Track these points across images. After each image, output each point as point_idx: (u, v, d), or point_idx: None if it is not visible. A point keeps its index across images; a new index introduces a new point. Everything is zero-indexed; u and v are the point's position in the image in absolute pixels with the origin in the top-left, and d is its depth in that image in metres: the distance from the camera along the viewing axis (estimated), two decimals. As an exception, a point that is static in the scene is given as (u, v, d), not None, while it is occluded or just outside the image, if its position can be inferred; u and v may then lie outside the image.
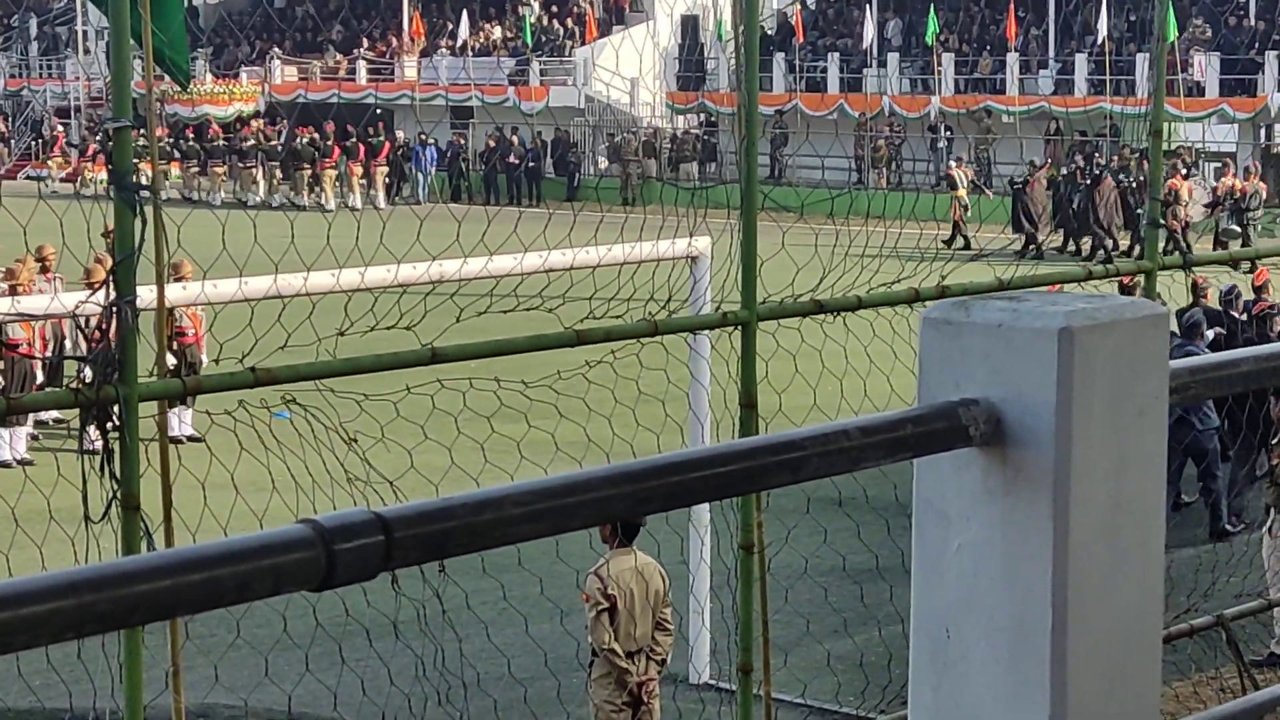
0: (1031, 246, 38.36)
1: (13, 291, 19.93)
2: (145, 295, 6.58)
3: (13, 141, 62.18)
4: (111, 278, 6.24)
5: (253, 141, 54.97)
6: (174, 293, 7.71)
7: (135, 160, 6.54)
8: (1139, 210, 30.82)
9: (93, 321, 6.25)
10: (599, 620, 10.44)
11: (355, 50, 64.09)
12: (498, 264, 8.80)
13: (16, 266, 20.64)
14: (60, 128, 63.56)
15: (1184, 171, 42.18)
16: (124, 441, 6.30)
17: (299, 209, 46.46)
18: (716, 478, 2.80)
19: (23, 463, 19.59)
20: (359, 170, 53.58)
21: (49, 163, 57.29)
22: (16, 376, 20.95)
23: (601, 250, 9.59)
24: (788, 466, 2.84)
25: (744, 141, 8.09)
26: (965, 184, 43.23)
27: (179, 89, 7.68)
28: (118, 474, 6.31)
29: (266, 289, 7.38)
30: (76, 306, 6.60)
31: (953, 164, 44.73)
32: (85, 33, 68.62)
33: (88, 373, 6.36)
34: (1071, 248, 40.41)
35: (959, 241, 38.27)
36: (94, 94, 66.85)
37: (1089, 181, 40.81)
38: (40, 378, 21.36)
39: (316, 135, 53.81)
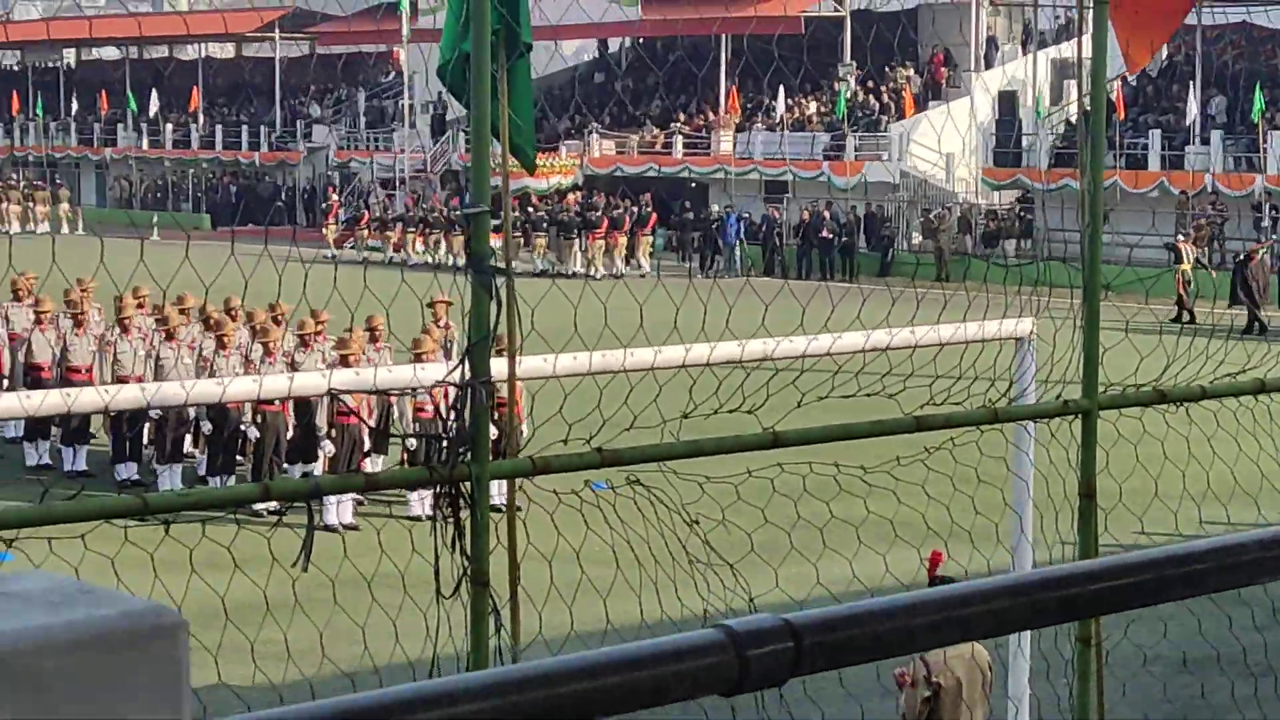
0: (1256, 324, 37.63)
1: (344, 361, 20.50)
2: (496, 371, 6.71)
3: (341, 211, 63.91)
4: (466, 357, 6.39)
5: (574, 212, 55.80)
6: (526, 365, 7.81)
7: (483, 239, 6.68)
8: None
9: (425, 395, 6.38)
10: (920, 708, 10.03)
11: (672, 124, 64.78)
12: (819, 344, 8.79)
13: (348, 336, 21.19)
14: (384, 198, 65.17)
15: None
16: (475, 518, 6.43)
17: (589, 278, 47.17)
18: (1115, 591, 2.77)
19: (349, 528, 20.06)
20: (623, 240, 54.22)
21: (385, 233, 58.73)
22: (346, 444, 21.51)
23: (924, 331, 9.53)
24: (1189, 580, 2.80)
25: (1088, 227, 8.01)
26: (1190, 258, 42.17)
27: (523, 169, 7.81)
28: (468, 550, 6.44)
29: (611, 363, 7.48)
30: (435, 386, 6.75)
31: (1180, 238, 43.67)
32: (411, 106, 70.38)
33: (409, 443, 6.48)
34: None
35: (1184, 317, 37.28)
36: (417, 167, 68.55)
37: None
38: (368, 444, 21.88)
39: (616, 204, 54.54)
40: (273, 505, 14.82)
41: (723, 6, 55.08)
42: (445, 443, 6.42)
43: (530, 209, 55.80)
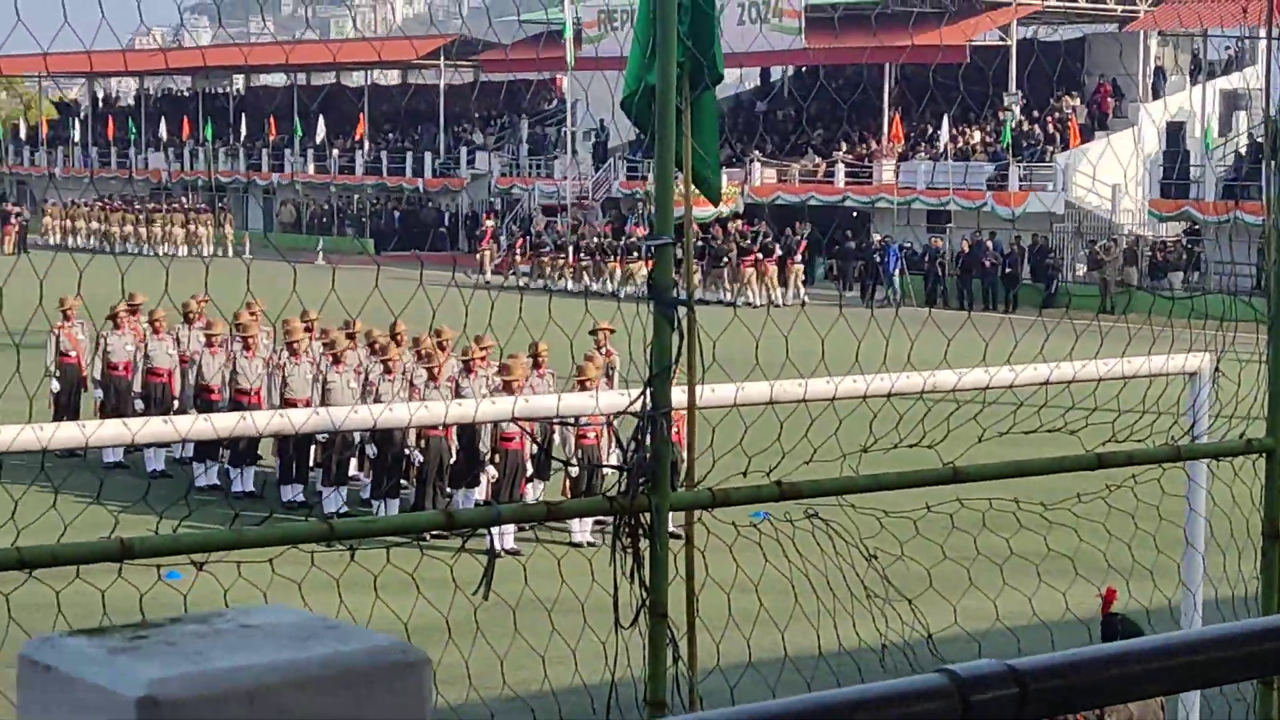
0: None
1: (508, 387, 20.63)
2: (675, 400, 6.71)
3: (501, 238, 64.39)
4: (648, 388, 6.40)
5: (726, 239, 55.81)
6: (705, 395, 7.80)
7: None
8: None
9: (588, 422, 6.38)
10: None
11: (834, 153, 64.69)
12: (1002, 377, 8.71)
13: (511, 362, 21.31)
14: (543, 224, 65.57)
15: None
16: (654, 550, 6.43)
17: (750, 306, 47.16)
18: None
19: (510, 553, 20.17)
20: (773, 268, 54.08)
21: (544, 259, 59.05)
22: (509, 469, 21.63)
23: (1108, 365, 9.41)
24: None
25: (1276, 263, 7.87)
26: None
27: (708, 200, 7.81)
28: (647, 581, 6.44)
29: (790, 394, 7.46)
30: (613, 416, 6.76)
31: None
32: (573, 134, 70.81)
33: (571, 470, 6.49)
34: None
35: None
36: (579, 194, 68.93)
37: None
38: (529, 470, 21.98)
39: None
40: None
41: (888, 35, 54.94)
42: (625, 473, 6.43)
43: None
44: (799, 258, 55.51)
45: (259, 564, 5.63)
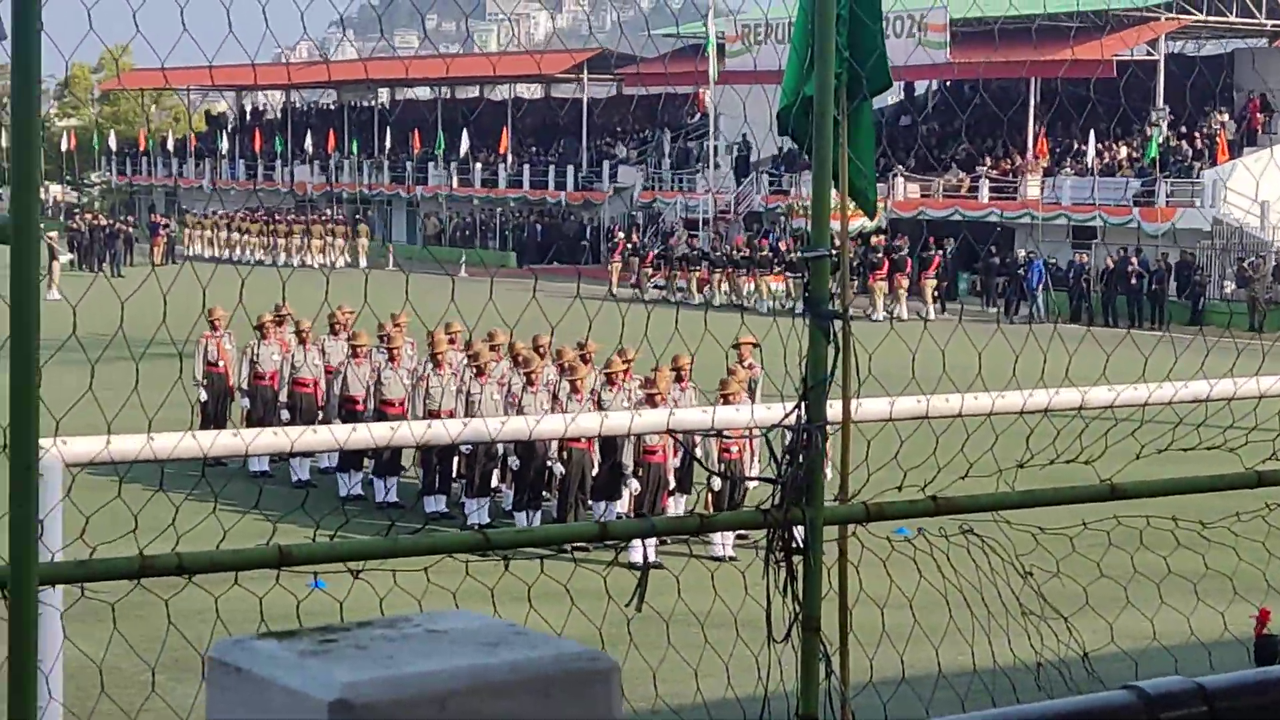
0: None
1: (651, 400, 20.63)
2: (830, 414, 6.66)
3: (642, 251, 64.48)
4: (803, 401, 6.36)
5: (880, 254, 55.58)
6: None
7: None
8: None
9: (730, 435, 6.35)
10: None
11: (978, 167, 64.25)
12: (1161, 393, 8.59)
13: (654, 375, 21.31)
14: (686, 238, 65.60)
15: None
16: (808, 564, 6.39)
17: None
18: None
19: (653, 566, 20.15)
20: (905, 281, 53.76)
21: (683, 272, 59.05)
22: (651, 482, 21.62)
23: (1263, 381, 9.26)
24: None
25: None
26: None
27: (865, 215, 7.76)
28: (800, 595, 6.40)
29: (946, 409, 7.40)
30: (769, 430, 6.73)
31: None
32: (716, 148, 70.82)
33: (713, 483, 6.46)
34: None
35: None
36: (721, 208, 68.94)
37: None
38: (672, 483, 21.95)
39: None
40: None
41: (1033, 49, 54.48)
42: (779, 487, 6.39)
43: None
44: (933, 273, 55.15)
45: (413, 573, 5.64)
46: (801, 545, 6.40)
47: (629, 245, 64.65)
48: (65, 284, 46.39)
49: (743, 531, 20.20)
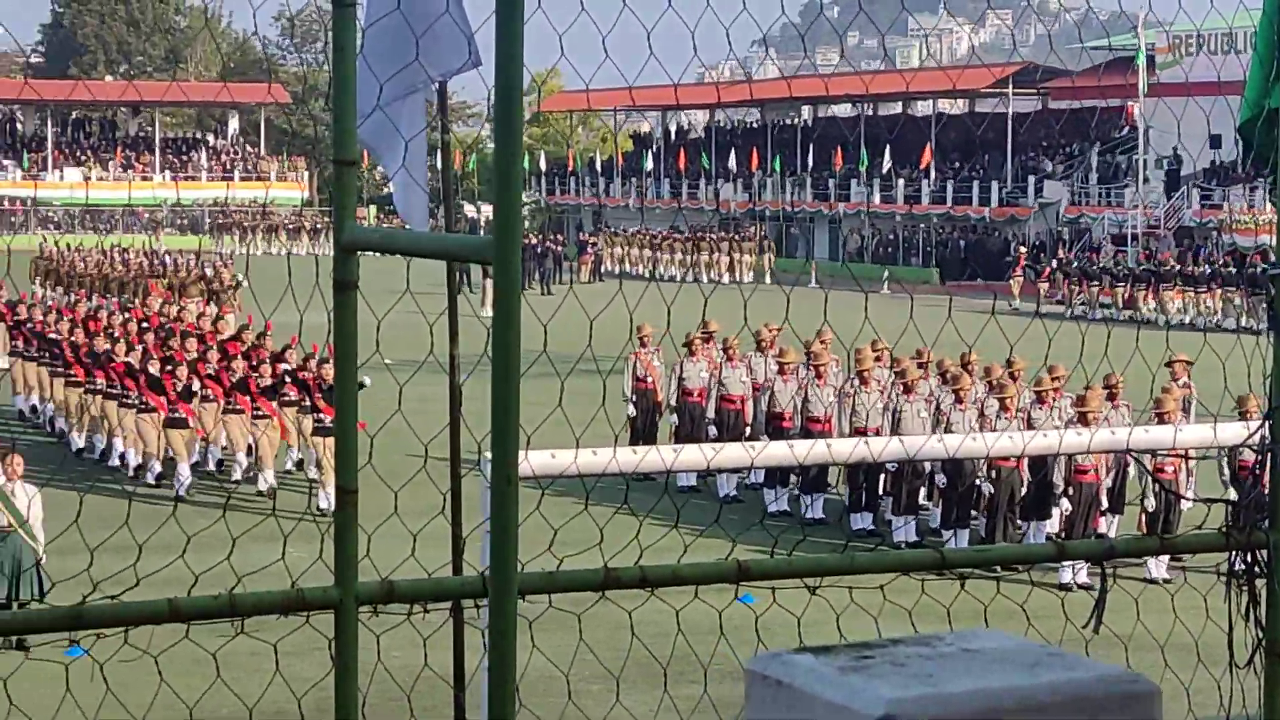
0: None
1: (1083, 419, 20.30)
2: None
3: (1070, 268, 63.54)
4: (1267, 422, 6.18)
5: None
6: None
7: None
8: None
9: (1164, 455, 6.17)
10: None
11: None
12: None
13: (1086, 394, 20.96)
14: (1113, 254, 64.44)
15: None
16: (1271, 588, 6.20)
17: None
18: None
19: (1082, 587, 19.80)
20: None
21: (1104, 289, 58.14)
22: (1083, 502, 21.21)
23: None
24: None
25: None
26: None
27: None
28: (1262, 620, 6.21)
29: None
30: (1234, 449, 6.56)
31: None
32: (1145, 162, 69.39)
33: (1147, 504, 6.29)
34: None
35: None
36: (1150, 223, 67.52)
37: None
38: (1105, 503, 21.52)
39: None
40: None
41: None
42: (1243, 509, 6.22)
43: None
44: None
45: (870, 590, 5.65)
46: (1265, 569, 6.22)
47: (1055, 261, 63.87)
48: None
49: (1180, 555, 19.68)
